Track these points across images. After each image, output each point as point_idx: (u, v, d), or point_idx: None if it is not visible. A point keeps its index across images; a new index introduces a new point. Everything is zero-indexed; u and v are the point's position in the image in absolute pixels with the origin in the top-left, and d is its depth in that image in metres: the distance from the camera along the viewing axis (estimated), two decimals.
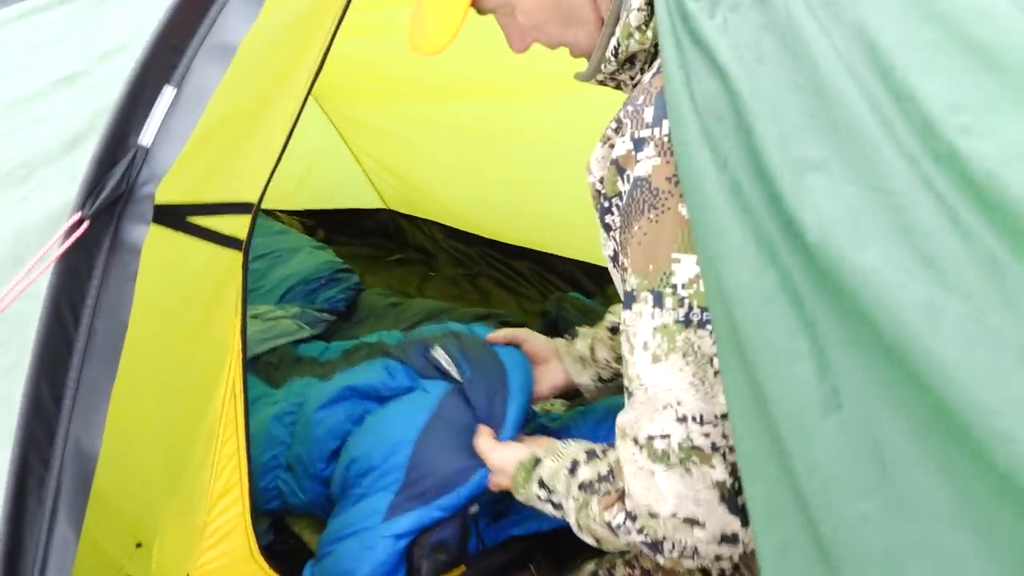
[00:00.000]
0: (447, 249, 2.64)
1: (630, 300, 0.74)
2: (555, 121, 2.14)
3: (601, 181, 0.79)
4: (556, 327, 1.84)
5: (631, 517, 0.82)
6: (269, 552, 1.21)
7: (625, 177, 0.74)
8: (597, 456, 0.94)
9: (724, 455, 0.73)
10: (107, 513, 0.89)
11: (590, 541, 0.95)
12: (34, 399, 0.76)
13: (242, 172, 0.93)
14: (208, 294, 0.95)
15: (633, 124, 0.72)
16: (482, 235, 2.58)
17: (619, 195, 0.75)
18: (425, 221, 2.70)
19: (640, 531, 0.81)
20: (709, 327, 0.70)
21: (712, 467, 0.73)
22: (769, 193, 0.59)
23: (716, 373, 0.71)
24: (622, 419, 0.81)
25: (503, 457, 1.12)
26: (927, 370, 0.49)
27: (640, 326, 0.74)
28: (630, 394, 0.78)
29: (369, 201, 2.79)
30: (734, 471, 0.73)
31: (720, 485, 0.74)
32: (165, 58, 0.79)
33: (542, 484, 1.00)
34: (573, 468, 0.97)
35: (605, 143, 0.79)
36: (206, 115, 0.79)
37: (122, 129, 0.77)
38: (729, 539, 0.75)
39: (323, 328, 1.83)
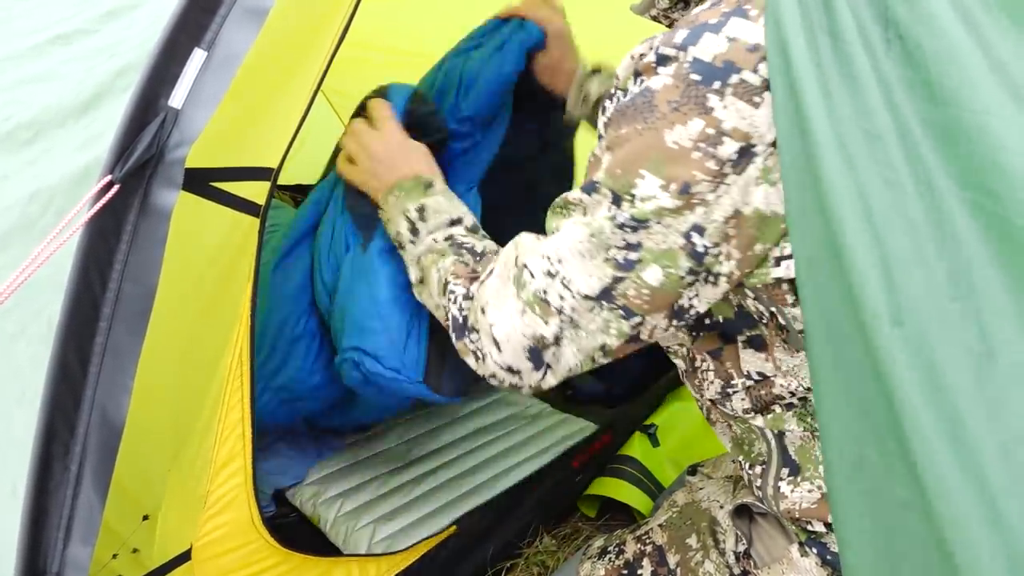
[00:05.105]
0: None
1: (591, 188, 0.79)
2: None
3: (621, 76, 0.81)
4: None
5: (467, 296, 0.92)
6: (272, 525, 1.21)
7: (638, 81, 0.76)
8: (481, 235, 1.04)
9: (562, 323, 0.80)
10: (115, 485, 0.88)
11: (411, 275, 1.06)
12: (61, 363, 0.75)
13: (264, 137, 0.91)
14: (226, 261, 0.94)
15: (663, 41, 0.74)
16: None
17: (625, 91, 0.78)
18: None
19: (460, 309, 0.91)
20: (626, 230, 0.75)
21: (546, 323, 0.81)
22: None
23: (607, 261, 0.76)
24: (526, 235, 0.88)
25: (401, 155, 1.14)
26: None
27: (595, 210, 0.78)
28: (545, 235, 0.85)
29: None
30: (559, 339, 0.81)
31: (539, 340, 0.82)
32: (196, 19, 0.77)
33: (420, 209, 1.06)
34: (455, 221, 1.05)
35: (641, 44, 0.81)
36: (236, 79, 0.78)
37: (152, 91, 0.76)
38: (514, 371, 0.85)
39: None
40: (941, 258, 0.57)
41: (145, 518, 1.09)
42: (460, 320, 0.91)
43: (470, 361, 0.90)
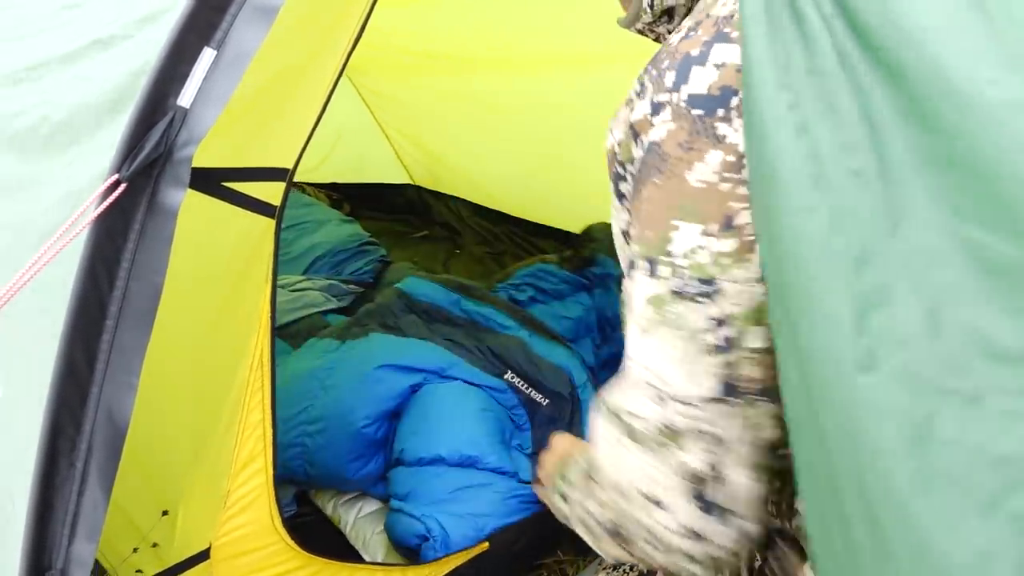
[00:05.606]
0: (472, 226, 2.62)
1: (630, 269, 0.72)
2: (584, 98, 2.10)
3: (620, 144, 0.76)
4: None
5: (589, 497, 0.78)
6: (291, 524, 1.21)
7: (639, 142, 0.71)
8: None
9: (704, 443, 0.68)
10: (135, 480, 0.89)
11: (582, 533, 0.85)
12: (67, 361, 0.75)
13: (279, 137, 0.91)
14: (241, 262, 0.94)
15: (654, 87, 0.69)
16: (508, 213, 2.56)
17: (632, 161, 0.73)
18: (451, 197, 2.68)
19: (592, 515, 0.78)
20: (701, 300, 0.66)
21: (682, 448, 0.69)
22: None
23: (706, 351, 0.67)
24: (604, 390, 0.76)
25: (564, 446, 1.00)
26: None
27: (636, 295, 0.71)
28: (621, 368, 0.74)
29: (395, 176, 2.77)
30: (714, 466, 0.69)
31: (689, 473, 0.69)
32: (206, 18, 0.77)
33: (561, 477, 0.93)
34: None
35: (627, 105, 0.76)
36: (246, 78, 0.78)
37: (161, 90, 0.76)
38: (695, 535, 0.71)
39: (350, 301, 1.83)
40: (921, 293, 0.53)
41: (165, 513, 1.10)
42: (609, 526, 0.77)
43: (657, 558, 0.74)
